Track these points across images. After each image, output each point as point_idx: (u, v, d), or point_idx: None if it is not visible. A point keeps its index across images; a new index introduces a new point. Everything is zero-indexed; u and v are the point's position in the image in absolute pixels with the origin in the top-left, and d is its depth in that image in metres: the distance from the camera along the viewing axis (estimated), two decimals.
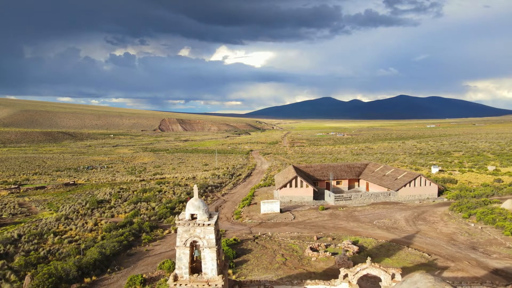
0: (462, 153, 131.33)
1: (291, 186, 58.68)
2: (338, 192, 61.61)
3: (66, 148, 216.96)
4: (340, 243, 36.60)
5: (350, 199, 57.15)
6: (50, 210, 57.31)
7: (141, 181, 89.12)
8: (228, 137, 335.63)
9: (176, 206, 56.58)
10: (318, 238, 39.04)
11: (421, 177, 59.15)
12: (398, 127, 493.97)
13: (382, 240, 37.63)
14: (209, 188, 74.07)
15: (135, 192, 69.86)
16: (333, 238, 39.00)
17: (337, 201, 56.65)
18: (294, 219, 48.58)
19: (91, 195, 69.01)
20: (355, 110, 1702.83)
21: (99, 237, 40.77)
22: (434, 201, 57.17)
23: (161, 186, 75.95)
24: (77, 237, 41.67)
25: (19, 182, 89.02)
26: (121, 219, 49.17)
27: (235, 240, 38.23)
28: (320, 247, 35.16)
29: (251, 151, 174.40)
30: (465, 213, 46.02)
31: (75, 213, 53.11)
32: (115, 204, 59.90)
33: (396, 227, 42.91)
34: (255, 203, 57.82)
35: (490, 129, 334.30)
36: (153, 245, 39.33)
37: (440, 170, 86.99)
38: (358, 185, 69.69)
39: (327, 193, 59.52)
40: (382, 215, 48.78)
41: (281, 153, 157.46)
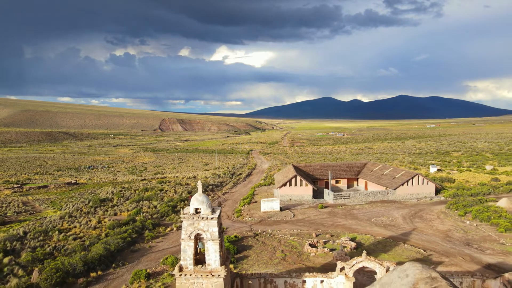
0: (461, 153, 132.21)
1: (290, 185, 59.62)
2: (337, 191, 62.54)
3: (67, 148, 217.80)
4: (338, 239, 37.54)
5: (348, 198, 58.08)
6: (54, 209, 58.25)
7: (142, 180, 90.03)
8: (228, 137, 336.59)
9: (178, 204, 57.52)
10: (317, 235, 39.99)
11: (418, 176, 60.10)
12: (398, 127, 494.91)
13: (379, 237, 38.57)
14: (210, 187, 75.01)
15: (137, 191, 70.79)
16: (331, 235, 39.95)
17: (336, 199, 57.57)
18: (293, 217, 49.52)
19: (93, 194, 69.92)
20: (355, 110, 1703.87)
21: (103, 234, 41.72)
22: (432, 199, 58.11)
23: (162, 185, 76.88)
24: (81, 234, 42.64)
25: (21, 181, 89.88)
26: (124, 217, 50.10)
27: (236, 237, 39.17)
28: (318, 243, 36.11)
29: (251, 151, 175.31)
30: (461, 211, 46.96)
31: (78, 211, 54.05)
32: (117, 202, 60.85)
33: (393, 225, 43.85)
34: (256, 202, 58.76)
35: (489, 129, 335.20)
36: (155, 242, 40.29)
37: (438, 170, 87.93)
38: (357, 184, 70.64)
39: (326, 191, 60.45)
40: (380, 213, 49.73)
41: (281, 153, 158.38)
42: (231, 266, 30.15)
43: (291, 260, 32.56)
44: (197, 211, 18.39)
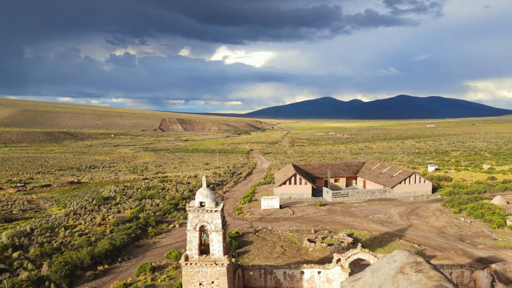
0: (460, 152, 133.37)
1: (290, 184, 60.83)
2: (336, 190, 63.75)
3: (67, 148, 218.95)
4: (336, 235, 38.78)
5: (347, 196, 59.30)
6: (58, 206, 59.48)
7: (144, 179, 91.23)
8: (228, 137, 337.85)
9: (180, 202, 58.71)
10: (315, 231, 41.23)
11: (415, 174, 61.31)
12: (398, 127, 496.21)
13: (376, 233, 39.81)
14: (211, 186, 76.23)
15: (139, 190, 72.03)
16: (329, 231, 41.20)
17: (335, 197, 58.79)
18: (293, 214, 50.74)
19: (96, 192, 71.14)
20: (355, 110, 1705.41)
21: (108, 231, 42.93)
22: (428, 197, 59.33)
23: (164, 184, 78.14)
24: (86, 230, 43.85)
25: (23, 181, 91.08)
26: (127, 215, 51.29)
27: (237, 233, 40.41)
28: (317, 238, 37.35)
29: (251, 150, 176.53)
30: (456, 208, 48.20)
31: (82, 209, 55.28)
32: (120, 200, 62.09)
33: (390, 222, 45.09)
34: (256, 200, 59.98)
35: (489, 129, 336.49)
36: (159, 238, 41.52)
37: (436, 169, 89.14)
38: (356, 183, 71.83)
39: (325, 190, 61.66)
40: (377, 210, 50.95)
41: (281, 152, 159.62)
42: (232, 260, 31.39)
43: (290, 254, 33.80)
44: (201, 205, 19.63)
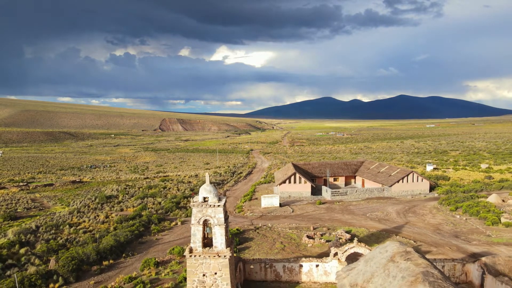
0: (459, 152, 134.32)
1: (290, 182, 61.81)
2: (335, 188, 64.72)
3: (68, 148, 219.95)
4: (335, 232, 39.77)
5: (346, 194, 60.28)
6: (62, 205, 60.49)
7: (145, 178, 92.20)
8: (228, 137, 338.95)
9: (181, 201, 59.70)
10: (314, 228, 42.22)
11: (413, 173, 62.28)
12: (398, 127, 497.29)
13: (373, 230, 40.80)
14: (212, 185, 77.15)
15: (140, 189, 73.02)
16: (328, 228, 42.19)
17: (334, 196, 59.78)
18: (292, 212, 51.74)
19: (98, 191, 72.13)
20: (355, 110, 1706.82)
21: (112, 228, 43.93)
22: (426, 196, 60.31)
23: (165, 183, 79.14)
24: (90, 228, 44.87)
25: (25, 180, 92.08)
26: (130, 213, 52.28)
27: (238, 230, 41.41)
28: (316, 235, 38.34)
29: (252, 150, 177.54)
30: (452, 206, 49.20)
31: (86, 207, 56.27)
32: (123, 199, 63.09)
33: (388, 219, 46.09)
34: (256, 198, 60.98)
35: (489, 129, 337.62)
36: (161, 235, 42.53)
37: (434, 168, 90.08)
38: (355, 182, 72.78)
39: (324, 188, 62.65)
40: (375, 208, 51.96)
41: (281, 152, 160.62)
42: (234, 254, 32.40)
43: (289, 250, 34.79)
44: (205, 200, 20.62)
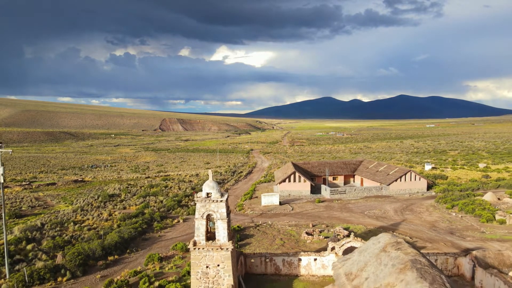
0: (458, 152, 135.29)
1: (289, 181, 62.82)
2: (334, 187, 65.73)
3: (68, 148, 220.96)
4: (333, 229, 40.78)
5: (344, 193, 61.29)
6: (65, 203, 61.52)
7: (146, 178, 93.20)
8: (228, 136, 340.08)
9: (183, 199, 60.67)
10: (313, 225, 43.24)
11: (411, 172, 63.30)
12: (398, 126, 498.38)
13: (371, 227, 41.79)
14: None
15: (142, 188, 74.04)
16: (327, 225, 43.20)
17: (333, 194, 60.79)
18: (292, 210, 52.75)
19: (101, 190, 73.14)
20: (355, 110, 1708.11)
21: (115, 225, 44.92)
22: (423, 194, 61.30)
23: (166, 182, 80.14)
24: (94, 225, 45.87)
25: (27, 179, 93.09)
26: (132, 211, 53.28)
27: (238, 227, 42.42)
28: (314, 232, 39.36)
29: (252, 150, 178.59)
30: (449, 204, 50.20)
31: (89, 205, 57.27)
32: (125, 198, 64.09)
33: (385, 217, 47.10)
34: (256, 197, 61.99)
35: (488, 129, 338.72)
36: (164, 232, 43.55)
37: (433, 167, 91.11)
38: (353, 181, 73.78)
39: (323, 187, 63.66)
40: (373, 206, 52.98)
41: (281, 152, 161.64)
42: None
43: (289, 246, 35.80)
44: (208, 195, 21.64)
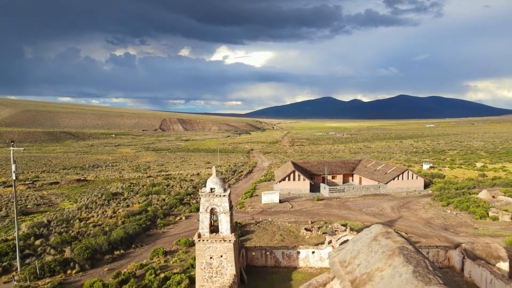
0: (457, 151, 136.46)
1: (289, 180, 64.11)
2: (333, 186, 67.02)
3: (69, 148, 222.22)
4: (331, 225, 42.05)
5: (343, 191, 62.58)
6: (70, 201, 62.82)
7: (148, 177, 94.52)
8: (228, 136, 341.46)
9: (184, 197, 62.01)
10: (312, 222, 44.52)
11: (408, 171, 64.59)
12: (398, 126, 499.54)
13: (368, 223, 42.94)
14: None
15: (144, 186, 75.33)
16: (325, 222, 44.50)
17: (332, 193, 62.07)
18: (291, 208, 54.03)
19: (104, 189, 74.44)
20: (355, 110, 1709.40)
21: (120, 222, 46.20)
22: (420, 193, 62.60)
23: (168, 181, 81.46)
24: (99, 222, 47.16)
25: (30, 179, 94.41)
26: (136, 208, 54.57)
27: (239, 224, 43.71)
28: (313, 228, 40.63)
29: (252, 150, 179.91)
30: (444, 202, 51.50)
31: (93, 203, 58.55)
32: (128, 196, 65.40)
33: (382, 214, 48.39)
34: (257, 195, 63.29)
35: (488, 129, 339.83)
36: (167, 228, 44.85)
37: (431, 167, 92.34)
38: (352, 179, 75.07)
39: (322, 186, 64.94)
40: (371, 204, 54.27)
41: (281, 152, 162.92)
42: None
43: (288, 241, 37.06)
44: (212, 190, 22.94)
